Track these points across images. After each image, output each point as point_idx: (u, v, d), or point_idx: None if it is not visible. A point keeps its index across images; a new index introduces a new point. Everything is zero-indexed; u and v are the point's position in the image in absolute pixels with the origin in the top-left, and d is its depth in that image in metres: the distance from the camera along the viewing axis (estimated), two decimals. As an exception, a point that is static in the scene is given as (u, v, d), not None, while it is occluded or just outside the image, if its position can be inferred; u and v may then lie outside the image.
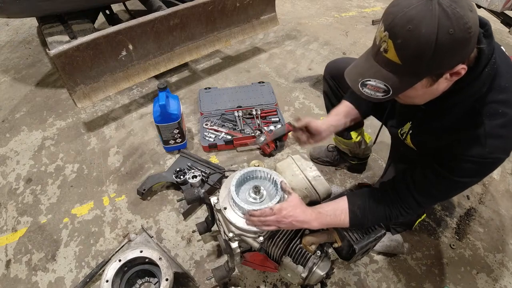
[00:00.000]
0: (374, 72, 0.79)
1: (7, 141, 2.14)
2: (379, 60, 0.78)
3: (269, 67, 2.77)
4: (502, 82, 0.84)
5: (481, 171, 0.92)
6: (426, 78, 0.77)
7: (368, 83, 0.80)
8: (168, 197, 1.78)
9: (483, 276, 1.47)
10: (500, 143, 0.85)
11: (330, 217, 1.05)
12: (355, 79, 0.83)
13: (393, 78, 0.76)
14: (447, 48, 0.69)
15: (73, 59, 1.84)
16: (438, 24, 0.67)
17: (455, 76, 0.77)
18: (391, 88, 0.77)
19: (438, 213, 1.70)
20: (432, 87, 0.80)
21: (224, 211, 1.12)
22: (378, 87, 0.79)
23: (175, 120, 1.82)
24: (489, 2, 2.45)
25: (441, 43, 0.68)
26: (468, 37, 0.70)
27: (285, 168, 1.31)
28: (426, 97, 0.86)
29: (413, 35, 0.69)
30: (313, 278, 1.09)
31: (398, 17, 0.70)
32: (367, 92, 0.81)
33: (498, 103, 0.84)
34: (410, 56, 0.72)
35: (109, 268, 1.27)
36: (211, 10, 2.28)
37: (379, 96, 0.80)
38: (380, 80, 0.78)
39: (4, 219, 1.71)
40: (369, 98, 0.81)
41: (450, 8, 0.67)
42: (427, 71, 0.75)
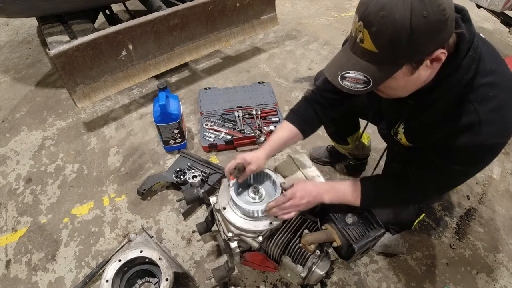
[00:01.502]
0: (353, 64, 0.77)
1: (7, 141, 2.14)
2: (357, 51, 0.77)
3: (269, 67, 2.77)
4: (487, 65, 0.83)
5: (482, 158, 0.90)
6: (406, 66, 0.75)
7: (347, 76, 0.78)
8: (168, 197, 1.78)
9: (483, 276, 1.47)
10: (495, 128, 0.83)
11: (342, 192, 1.07)
12: (334, 73, 0.81)
13: (372, 68, 0.75)
14: (422, 31, 0.68)
15: (73, 59, 1.84)
16: (411, 8, 0.66)
17: (436, 62, 0.76)
18: (371, 78, 0.76)
19: (438, 213, 1.70)
20: (413, 76, 0.78)
21: (224, 211, 1.12)
22: (358, 79, 0.77)
23: (175, 120, 1.82)
24: (489, 2, 2.45)
25: (416, 27, 0.67)
26: (444, 19, 0.69)
27: (285, 168, 1.31)
28: (409, 87, 0.84)
29: (387, 21, 0.68)
30: (312, 278, 1.09)
31: (371, 5, 0.70)
32: (347, 85, 0.79)
33: (486, 87, 0.82)
34: (386, 43, 0.71)
35: (109, 268, 1.27)
36: (211, 10, 2.28)
37: (360, 88, 0.78)
38: (359, 71, 0.76)
39: (4, 219, 1.71)
40: (350, 91, 0.80)
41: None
42: (405, 57, 0.73)
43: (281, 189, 1.12)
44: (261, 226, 1.08)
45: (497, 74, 0.84)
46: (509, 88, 0.84)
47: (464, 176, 0.99)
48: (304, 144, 2.06)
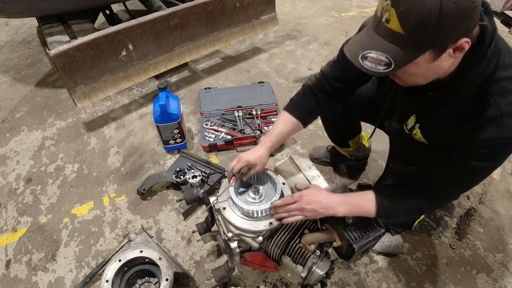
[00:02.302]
0: (376, 44, 0.75)
1: (7, 141, 2.14)
2: (381, 31, 0.74)
3: (269, 67, 2.77)
4: (505, 59, 0.82)
5: (504, 151, 0.89)
6: (429, 51, 0.73)
7: (369, 56, 0.76)
8: (168, 197, 1.78)
9: (483, 276, 1.47)
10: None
11: (357, 204, 1.04)
12: (355, 52, 0.78)
13: (396, 49, 0.73)
14: (451, 16, 0.66)
15: (73, 59, 1.84)
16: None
17: (459, 52, 0.74)
18: (393, 60, 0.74)
19: (438, 213, 1.70)
20: (435, 63, 0.76)
21: (223, 211, 1.12)
22: (380, 60, 0.75)
23: (175, 120, 1.82)
24: (489, 2, 2.45)
25: (446, 11, 0.65)
26: (472, 7, 0.67)
27: (285, 168, 1.31)
28: (429, 75, 0.82)
29: (416, 1, 0.66)
30: (312, 278, 1.09)
31: None
32: (368, 65, 0.77)
33: (506, 80, 0.82)
34: (413, 25, 0.69)
35: (109, 268, 1.27)
36: (211, 10, 2.28)
37: (380, 69, 0.76)
38: (382, 51, 0.74)
39: (4, 219, 1.71)
40: (370, 71, 0.77)
41: None
42: (430, 42, 0.71)
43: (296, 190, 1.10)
44: (261, 226, 1.08)
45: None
46: None
47: (484, 172, 0.97)
48: (304, 144, 2.06)
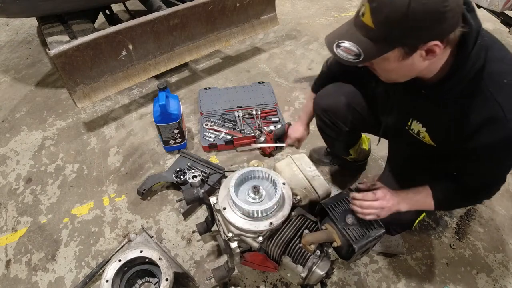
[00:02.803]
0: (350, 35, 0.80)
1: (7, 141, 2.14)
2: (357, 24, 0.79)
3: (269, 67, 2.76)
4: (495, 53, 0.84)
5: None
6: (398, 49, 0.77)
7: (342, 45, 0.80)
8: (168, 197, 1.78)
9: (483, 276, 1.47)
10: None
11: (416, 199, 1.08)
12: (332, 40, 0.83)
13: (366, 42, 0.77)
14: (418, 16, 0.69)
15: (73, 59, 1.84)
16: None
17: (431, 54, 0.77)
18: (363, 52, 0.78)
19: (438, 213, 1.70)
20: (406, 62, 0.80)
21: (224, 211, 1.12)
22: (351, 50, 0.79)
23: (175, 120, 1.82)
24: (489, 2, 2.45)
25: (413, 10, 0.68)
26: (443, 10, 0.69)
27: (285, 168, 1.31)
28: (402, 72, 0.86)
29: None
30: (312, 278, 1.09)
31: None
32: (340, 53, 0.82)
33: (500, 74, 0.83)
34: (382, 21, 0.73)
35: (109, 268, 1.27)
36: (211, 10, 2.28)
37: (351, 59, 0.80)
38: (353, 42, 0.79)
39: (4, 219, 1.71)
40: (341, 60, 0.82)
41: None
42: (398, 39, 0.75)
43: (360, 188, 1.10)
44: (261, 226, 1.08)
45: (506, 61, 0.84)
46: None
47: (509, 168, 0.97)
48: (304, 145, 2.06)
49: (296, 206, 1.19)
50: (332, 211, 1.11)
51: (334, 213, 1.10)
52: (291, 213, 1.15)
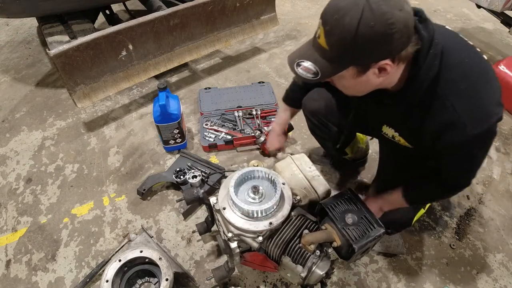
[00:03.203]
0: (309, 55, 0.86)
1: (7, 141, 2.14)
2: (314, 44, 0.85)
3: (269, 67, 2.76)
4: (452, 59, 0.88)
5: (481, 145, 0.96)
6: (352, 68, 0.83)
7: (301, 64, 0.86)
8: (168, 197, 1.78)
9: (483, 276, 1.47)
10: (476, 117, 0.88)
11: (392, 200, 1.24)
12: (293, 59, 0.89)
13: (322, 62, 0.83)
14: (367, 39, 0.74)
15: (73, 59, 1.84)
16: (361, 16, 0.72)
17: (383, 72, 0.82)
18: (320, 71, 0.84)
19: (438, 213, 1.70)
20: (360, 79, 0.85)
21: (223, 211, 1.12)
22: (309, 69, 0.85)
23: (175, 120, 1.82)
24: (489, 2, 2.45)
25: (361, 34, 0.73)
26: (390, 33, 0.74)
27: (284, 167, 1.31)
28: (359, 88, 0.92)
29: (338, 23, 0.75)
30: (312, 278, 1.09)
31: (330, 7, 0.78)
32: (300, 72, 0.87)
33: (456, 80, 0.87)
34: (334, 43, 0.79)
35: (109, 268, 1.27)
36: (211, 10, 2.28)
37: (309, 76, 0.86)
38: (311, 62, 0.85)
39: (4, 219, 1.71)
40: (301, 78, 0.88)
41: (376, 4, 0.72)
42: (350, 59, 0.81)
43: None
44: (261, 226, 1.08)
45: (464, 65, 0.88)
46: (477, 77, 0.89)
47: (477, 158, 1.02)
48: (304, 144, 2.06)
49: (296, 206, 1.19)
50: (332, 211, 1.11)
51: (334, 213, 1.10)
52: (291, 213, 1.15)
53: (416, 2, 3.74)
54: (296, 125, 2.15)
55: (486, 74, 0.91)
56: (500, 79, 0.92)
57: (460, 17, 3.50)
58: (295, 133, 2.12)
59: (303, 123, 2.17)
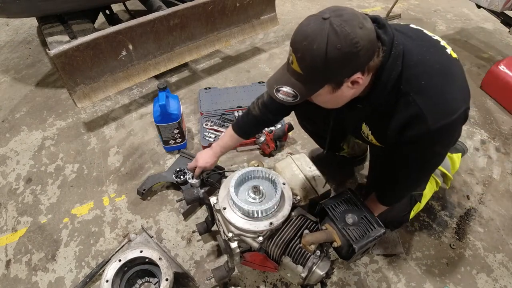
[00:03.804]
0: (285, 80, 0.90)
1: (7, 141, 2.14)
2: (289, 69, 0.89)
3: (269, 67, 2.76)
4: (413, 57, 0.91)
5: (442, 140, 0.99)
6: (327, 85, 0.87)
7: (281, 89, 0.91)
8: (168, 197, 1.78)
9: (483, 276, 1.47)
10: (438, 111, 0.91)
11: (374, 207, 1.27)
12: (272, 85, 0.94)
13: (299, 85, 0.88)
14: (336, 60, 0.79)
15: (73, 59, 1.84)
16: (327, 40, 0.77)
17: (356, 84, 0.87)
18: (298, 93, 0.89)
19: (438, 213, 1.70)
20: (336, 93, 0.90)
21: (224, 211, 1.12)
22: (288, 93, 0.90)
23: (175, 120, 1.82)
24: (489, 2, 2.45)
25: (331, 56, 0.78)
26: (356, 51, 0.79)
27: (285, 167, 1.31)
28: (336, 101, 0.96)
29: (307, 49, 0.80)
30: (312, 278, 1.09)
31: (298, 35, 0.82)
32: (280, 96, 0.92)
33: (417, 77, 0.91)
34: (307, 67, 0.83)
35: (109, 268, 1.27)
36: (211, 10, 2.28)
37: (290, 100, 0.91)
38: (289, 86, 0.89)
39: (4, 219, 1.71)
40: (282, 102, 0.92)
41: (339, 27, 0.77)
42: (324, 79, 0.86)
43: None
44: (261, 226, 1.08)
45: (424, 63, 0.92)
46: (438, 72, 0.92)
47: (435, 159, 1.09)
48: (304, 144, 2.06)
49: (296, 206, 1.19)
50: (332, 211, 1.11)
51: (334, 213, 1.11)
52: (291, 213, 1.15)
53: (416, 2, 3.75)
54: (296, 125, 2.14)
55: (448, 70, 0.94)
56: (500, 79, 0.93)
57: (460, 17, 3.50)
58: (295, 133, 2.12)
59: (303, 123, 2.18)
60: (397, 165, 1.14)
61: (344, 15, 0.79)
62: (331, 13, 0.80)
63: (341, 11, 0.80)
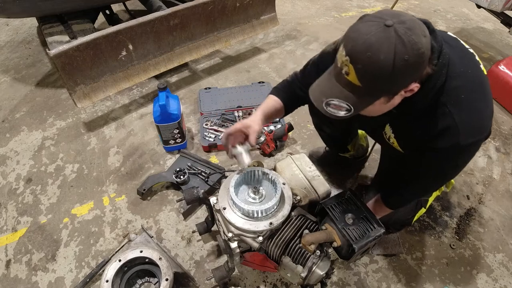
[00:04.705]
0: (337, 92, 0.83)
1: (7, 141, 2.14)
2: (341, 81, 0.82)
3: (269, 67, 2.76)
4: (456, 68, 0.90)
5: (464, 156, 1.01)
6: (384, 97, 0.84)
7: (331, 103, 0.85)
8: (168, 197, 1.78)
9: (483, 276, 1.47)
10: (470, 128, 0.91)
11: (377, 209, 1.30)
12: (319, 98, 0.87)
13: (354, 97, 0.82)
14: (402, 72, 0.75)
15: (73, 59, 1.84)
16: (394, 51, 0.72)
17: (409, 92, 0.84)
18: (353, 107, 0.83)
19: (438, 213, 1.70)
20: (389, 103, 0.87)
21: (224, 211, 1.12)
22: (341, 106, 0.84)
23: (175, 120, 1.82)
24: (489, 2, 2.45)
25: (398, 68, 0.73)
26: (421, 61, 0.76)
27: (285, 167, 1.31)
28: (383, 110, 0.93)
29: (372, 61, 0.74)
30: (312, 278, 1.09)
31: (359, 44, 0.75)
32: (331, 111, 0.86)
33: (458, 89, 0.90)
34: (369, 80, 0.77)
35: (109, 268, 1.27)
36: (211, 10, 2.28)
37: (342, 114, 0.86)
38: (343, 99, 0.83)
39: (4, 219, 1.71)
40: (332, 116, 0.87)
41: (405, 36, 0.72)
42: (384, 91, 0.82)
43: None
44: (261, 226, 1.08)
45: (466, 76, 0.91)
46: (477, 88, 0.92)
47: (453, 171, 1.10)
48: (304, 144, 2.06)
49: (296, 206, 1.19)
50: (332, 211, 1.11)
51: (334, 213, 1.10)
52: (291, 213, 1.15)
53: (416, 2, 3.75)
54: (296, 125, 2.15)
55: (485, 86, 0.94)
56: (500, 79, 0.94)
57: (460, 17, 3.50)
58: (295, 133, 2.12)
59: (303, 123, 2.18)
60: (412, 170, 1.12)
61: (407, 22, 0.74)
62: (392, 19, 0.74)
63: (402, 17, 0.75)
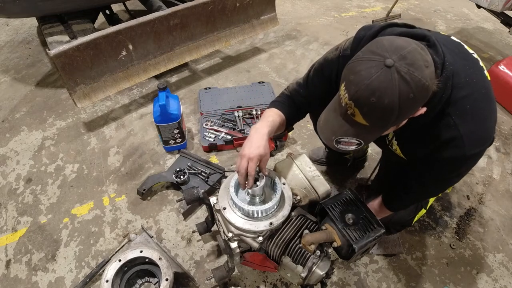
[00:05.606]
0: (345, 131, 0.84)
1: (7, 141, 2.14)
2: (348, 120, 0.83)
3: (269, 67, 2.76)
4: (461, 78, 0.89)
5: (467, 165, 1.01)
6: (392, 127, 0.86)
7: (341, 141, 0.86)
8: (168, 197, 1.78)
9: (483, 276, 1.47)
10: (475, 139, 0.90)
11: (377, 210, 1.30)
12: (329, 137, 0.88)
13: (363, 133, 0.83)
14: (409, 107, 0.76)
15: (73, 59, 1.84)
16: (399, 92, 0.71)
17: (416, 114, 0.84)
18: (363, 141, 0.85)
19: (438, 213, 1.70)
20: (397, 128, 0.90)
21: (224, 211, 1.12)
22: (351, 142, 0.86)
23: (175, 120, 1.82)
24: (489, 2, 2.45)
25: (403, 106, 0.74)
26: (427, 93, 0.76)
27: (285, 167, 1.31)
28: (391, 130, 0.92)
29: (377, 106, 0.74)
30: (312, 278, 1.09)
31: (362, 89, 0.74)
32: (342, 147, 0.88)
33: (463, 100, 0.89)
34: (376, 119, 0.78)
35: (109, 268, 1.27)
36: (211, 10, 2.28)
37: (353, 148, 0.88)
38: (351, 136, 0.84)
39: (4, 219, 1.71)
40: (344, 151, 0.91)
41: (408, 74, 0.71)
42: (393, 124, 0.82)
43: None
44: (261, 226, 1.08)
45: (471, 86, 0.90)
46: (483, 98, 0.91)
47: (456, 178, 1.11)
48: (304, 144, 2.06)
49: (296, 206, 1.19)
50: (332, 211, 1.11)
51: (334, 213, 1.10)
52: (291, 213, 1.15)
53: (416, 2, 3.75)
54: (296, 125, 2.14)
55: (489, 94, 0.93)
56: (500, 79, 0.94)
57: (460, 17, 3.50)
58: (295, 133, 2.12)
59: (303, 123, 2.18)
60: (415, 177, 1.13)
61: (407, 56, 0.72)
62: (392, 56, 0.72)
63: (401, 51, 0.73)
